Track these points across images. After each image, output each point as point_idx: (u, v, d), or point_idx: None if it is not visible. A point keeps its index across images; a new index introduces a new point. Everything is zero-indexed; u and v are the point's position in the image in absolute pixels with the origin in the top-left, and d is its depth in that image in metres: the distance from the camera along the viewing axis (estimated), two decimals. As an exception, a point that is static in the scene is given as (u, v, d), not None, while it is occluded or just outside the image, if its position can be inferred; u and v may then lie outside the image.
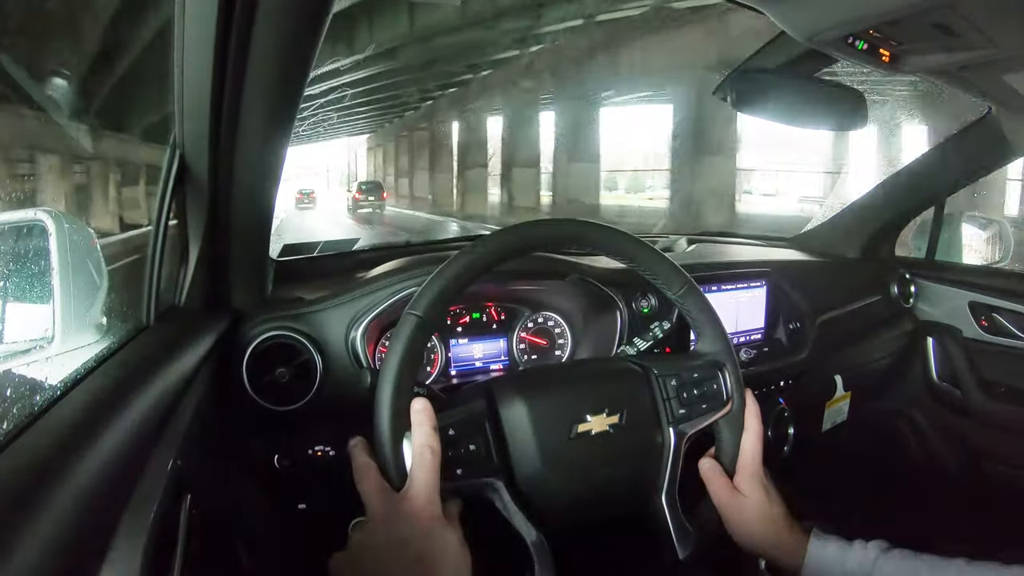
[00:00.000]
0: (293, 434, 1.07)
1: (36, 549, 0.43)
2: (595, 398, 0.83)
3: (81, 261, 0.87)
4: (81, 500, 0.50)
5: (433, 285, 0.75)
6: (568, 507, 0.80)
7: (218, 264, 1.00)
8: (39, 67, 1.52)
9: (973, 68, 1.08)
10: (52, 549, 0.44)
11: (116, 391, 0.66)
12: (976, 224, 2.08)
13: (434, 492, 0.67)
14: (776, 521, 0.85)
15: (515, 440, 0.77)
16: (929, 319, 1.99)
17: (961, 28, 0.88)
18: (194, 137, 0.83)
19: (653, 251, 0.88)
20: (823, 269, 1.91)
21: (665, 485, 0.85)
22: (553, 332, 1.41)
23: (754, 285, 1.59)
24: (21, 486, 0.46)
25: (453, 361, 1.34)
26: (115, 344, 0.80)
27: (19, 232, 0.84)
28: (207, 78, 0.73)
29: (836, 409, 1.75)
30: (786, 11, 0.93)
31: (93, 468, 0.53)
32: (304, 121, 9.52)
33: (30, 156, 2.47)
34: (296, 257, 1.41)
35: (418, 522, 0.63)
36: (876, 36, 0.94)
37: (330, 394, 1.07)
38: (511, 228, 0.82)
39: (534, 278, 1.30)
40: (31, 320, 0.85)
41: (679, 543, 0.84)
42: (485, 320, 1.38)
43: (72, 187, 2.65)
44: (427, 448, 0.68)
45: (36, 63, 1.48)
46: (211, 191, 0.88)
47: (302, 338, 1.06)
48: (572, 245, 0.87)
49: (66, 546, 0.47)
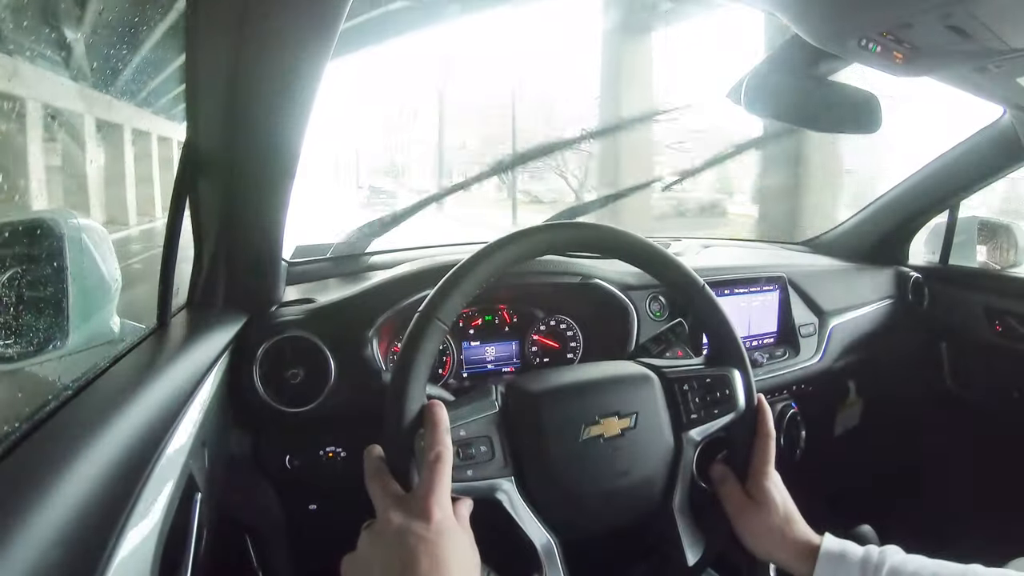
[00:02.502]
0: (305, 435, 1.08)
1: (47, 543, 0.43)
2: (607, 401, 0.82)
3: (94, 260, 0.88)
4: (92, 498, 0.50)
5: (447, 286, 0.75)
6: (578, 510, 0.80)
7: (232, 264, 1.00)
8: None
9: (987, 70, 1.07)
10: (62, 543, 0.45)
11: (129, 391, 0.66)
12: (990, 228, 2.07)
13: (445, 494, 0.66)
14: (787, 527, 0.84)
15: (526, 442, 0.77)
16: (943, 324, 1.97)
17: (975, 30, 0.87)
18: (208, 134, 0.84)
19: (666, 255, 0.87)
20: (836, 273, 1.90)
21: (676, 490, 0.85)
22: (565, 335, 1.40)
23: (767, 289, 1.59)
24: (33, 482, 0.46)
25: (466, 363, 1.35)
26: (129, 344, 0.81)
27: (32, 232, 0.84)
28: (221, 74, 0.73)
29: (848, 414, 1.75)
30: (799, 13, 0.92)
31: (104, 467, 0.54)
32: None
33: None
34: (309, 259, 1.41)
35: (429, 524, 0.63)
36: (889, 39, 0.93)
37: (342, 396, 1.07)
38: (524, 231, 0.81)
39: (547, 281, 1.30)
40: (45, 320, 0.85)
41: (689, 549, 0.84)
42: (498, 323, 1.38)
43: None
44: (438, 450, 0.68)
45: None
46: (225, 190, 0.88)
47: (315, 339, 1.06)
48: (586, 248, 0.87)
49: (76, 542, 0.47)
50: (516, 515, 0.75)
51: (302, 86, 0.76)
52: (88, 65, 1.39)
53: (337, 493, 1.06)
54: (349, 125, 17.94)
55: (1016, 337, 1.80)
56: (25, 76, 1.16)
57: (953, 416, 1.97)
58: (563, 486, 0.78)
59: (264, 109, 0.77)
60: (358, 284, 1.20)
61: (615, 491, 0.81)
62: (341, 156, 17.56)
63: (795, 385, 1.55)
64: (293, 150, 0.87)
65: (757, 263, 1.73)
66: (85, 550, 0.49)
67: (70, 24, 1.32)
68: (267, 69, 0.71)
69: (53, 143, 1.53)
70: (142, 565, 0.55)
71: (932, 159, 1.82)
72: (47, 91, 1.35)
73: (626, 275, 1.35)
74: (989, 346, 1.86)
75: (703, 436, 0.87)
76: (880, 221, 1.99)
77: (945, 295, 1.97)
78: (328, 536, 1.04)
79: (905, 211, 1.93)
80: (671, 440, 0.85)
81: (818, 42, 0.96)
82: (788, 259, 1.97)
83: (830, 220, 2.36)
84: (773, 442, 0.88)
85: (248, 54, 0.70)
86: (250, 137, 0.81)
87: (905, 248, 2.06)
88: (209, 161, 0.87)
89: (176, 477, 0.66)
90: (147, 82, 1.74)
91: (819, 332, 1.64)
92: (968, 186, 1.80)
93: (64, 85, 1.41)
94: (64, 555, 0.44)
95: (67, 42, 1.32)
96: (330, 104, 11.69)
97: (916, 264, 2.06)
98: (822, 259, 2.04)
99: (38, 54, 1.22)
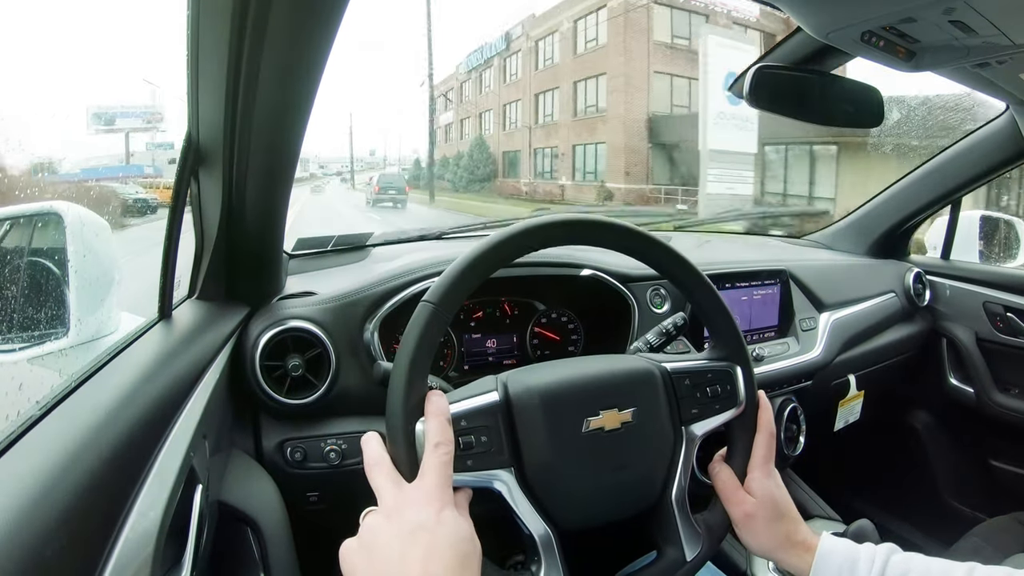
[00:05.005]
0: (306, 426, 1.08)
1: (49, 534, 0.43)
2: (608, 394, 0.82)
3: (96, 253, 0.88)
4: (94, 489, 0.50)
5: (449, 276, 0.75)
6: (577, 503, 0.80)
7: (233, 256, 1.00)
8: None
9: (990, 65, 1.07)
10: (64, 534, 0.45)
11: (130, 384, 0.66)
12: (992, 223, 2.06)
13: (446, 483, 0.67)
14: (785, 523, 0.84)
15: (526, 434, 0.77)
16: (943, 319, 1.98)
17: (978, 24, 0.87)
18: (209, 128, 0.84)
19: (668, 248, 0.87)
20: (838, 267, 1.90)
21: (675, 485, 0.84)
22: (566, 327, 1.41)
23: (768, 283, 1.59)
24: (35, 474, 0.47)
25: (466, 355, 1.35)
26: (130, 336, 0.81)
27: (35, 223, 0.85)
28: (223, 68, 0.73)
29: (849, 408, 1.74)
30: (803, 7, 0.92)
31: (106, 459, 0.54)
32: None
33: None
34: (310, 251, 1.42)
35: (430, 512, 0.63)
36: (892, 33, 0.93)
37: (343, 387, 1.08)
38: (527, 221, 0.81)
39: (548, 273, 1.30)
40: (47, 312, 0.85)
41: (687, 544, 0.83)
42: (499, 315, 1.38)
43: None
44: (439, 440, 0.68)
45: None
46: (226, 183, 0.88)
47: (316, 331, 1.06)
48: (588, 242, 0.87)
49: (78, 533, 0.47)
50: (515, 506, 0.75)
51: (303, 79, 0.76)
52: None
53: (338, 484, 1.07)
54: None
55: (1016, 332, 1.80)
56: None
57: (953, 411, 1.97)
58: (563, 478, 0.78)
59: (265, 101, 0.77)
60: (359, 276, 1.20)
61: (614, 484, 0.81)
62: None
63: (795, 379, 1.55)
64: (294, 143, 0.86)
65: (758, 257, 1.73)
66: (87, 541, 0.49)
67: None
68: (268, 63, 0.71)
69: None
70: (143, 557, 0.55)
71: (934, 154, 1.82)
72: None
73: (627, 268, 1.35)
74: (989, 341, 1.86)
75: (703, 431, 0.87)
76: (882, 216, 1.99)
77: (946, 290, 1.97)
78: (329, 527, 1.05)
79: (907, 206, 1.93)
80: (671, 434, 0.85)
81: (821, 36, 0.96)
82: (789, 253, 1.97)
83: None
84: (773, 439, 0.88)
85: (250, 42, 0.69)
86: (251, 129, 0.81)
87: (907, 243, 2.06)
88: (210, 153, 0.86)
89: (177, 469, 0.66)
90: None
91: (820, 326, 1.64)
92: (970, 182, 1.80)
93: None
94: (66, 546, 0.45)
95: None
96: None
97: (917, 259, 2.06)
98: (823, 253, 2.04)
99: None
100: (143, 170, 13.09)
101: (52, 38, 36.45)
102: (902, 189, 1.92)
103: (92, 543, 0.49)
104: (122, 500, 0.56)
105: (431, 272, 1.16)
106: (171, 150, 15.03)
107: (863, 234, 2.04)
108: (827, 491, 1.78)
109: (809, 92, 1.19)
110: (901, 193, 1.93)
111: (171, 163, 14.03)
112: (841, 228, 2.11)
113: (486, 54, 32.54)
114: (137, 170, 12.98)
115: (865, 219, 2.04)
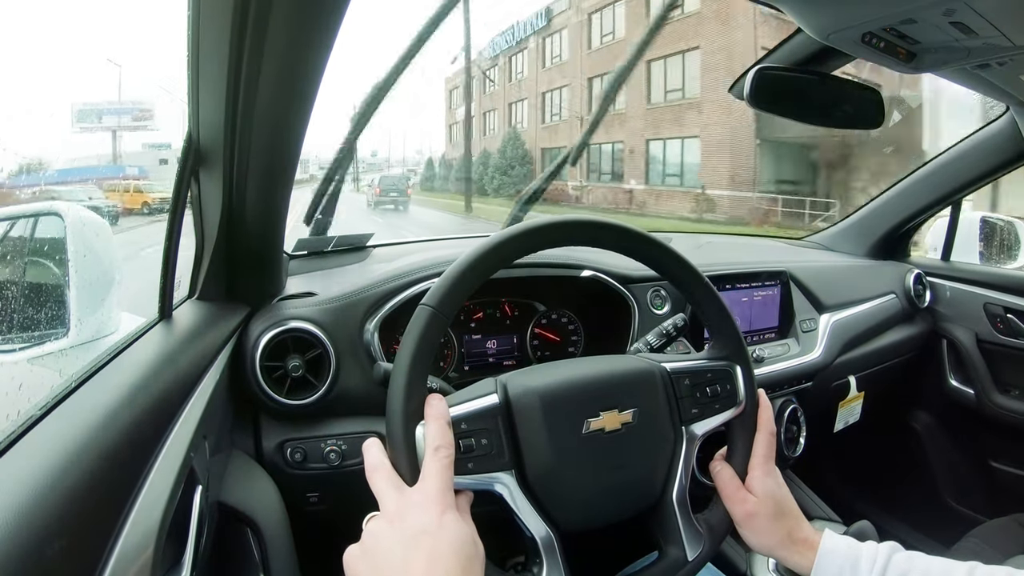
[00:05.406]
0: (306, 427, 1.08)
1: (49, 534, 0.43)
2: (608, 395, 0.82)
3: (97, 253, 0.88)
4: (94, 490, 0.50)
5: (448, 278, 0.74)
6: (578, 504, 0.80)
7: (233, 257, 1.00)
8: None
9: (990, 66, 1.07)
10: (64, 535, 0.45)
11: (130, 384, 0.66)
12: (992, 225, 2.06)
13: (447, 487, 0.66)
14: (787, 522, 0.84)
15: (527, 436, 0.77)
16: (944, 320, 1.98)
17: (978, 25, 0.87)
18: (210, 128, 0.84)
19: (668, 249, 0.87)
20: (838, 269, 1.90)
21: (676, 485, 0.84)
22: (567, 328, 1.41)
23: (768, 284, 1.59)
24: (35, 474, 0.47)
25: (467, 356, 1.35)
26: (130, 337, 0.81)
27: (35, 223, 0.85)
28: (223, 69, 0.73)
29: (849, 409, 1.74)
30: (803, 8, 0.92)
31: (106, 459, 0.54)
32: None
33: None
34: (311, 251, 1.41)
35: (432, 516, 0.63)
36: (893, 34, 0.93)
37: (343, 388, 1.08)
38: (527, 223, 0.81)
39: (548, 274, 1.30)
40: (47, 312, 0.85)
41: (688, 544, 0.83)
42: (499, 316, 1.38)
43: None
44: (440, 443, 0.68)
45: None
46: (226, 184, 0.88)
47: (317, 331, 1.06)
48: (587, 243, 0.87)
49: (78, 533, 0.47)
50: (516, 508, 0.75)
51: (303, 80, 0.76)
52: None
53: (339, 485, 1.07)
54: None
55: (1017, 334, 1.80)
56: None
57: (953, 412, 1.97)
58: (563, 480, 0.78)
59: (265, 102, 0.77)
60: (359, 277, 1.20)
61: (615, 485, 0.81)
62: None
63: (796, 380, 1.55)
64: (295, 143, 0.86)
65: (758, 258, 1.73)
66: (87, 541, 0.49)
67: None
68: (268, 63, 0.71)
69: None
70: (143, 557, 0.55)
71: (934, 156, 1.82)
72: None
73: (627, 269, 1.35)
74: (990, 343, 1.86)
75: (704, 431, 0.87)
76: (882, 217, 1.99)
77: (946, 292, 1.97)
78: (329, 527, 1.05)
79: (907, 208, 1.93)
80: (672, 434, 0.85)
81: (822, 37, 0.96)
82: (789, 254, 1.97)
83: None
84: (774, 438, 0.88)
85: (251, 43, 0.69)
86: (252, 130, 0.81)
87: (907, 244, 2.06)
88: (211, 154, 0.86)
89: (177, 470, 0.66)
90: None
91: (820, 327, 1.64)
92: (970, 183, 1.80)
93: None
94: (66, 546, 0.45)
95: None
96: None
97: (918, 260, 2.06)
98: (824, 254, 2.04)
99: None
100: (124, 171, 12.88)
101: (38, 32, 36.14)
102: (902, 190, 1.92)
103: (92, 543, 0.49)
104: (122, 500, 0.56)
105: (431, 273, 1.16)
106: (165, 150, 14.94)
107: (863, 235, 2.04)
108: (827, 492, 1.78)
109: (810, 93, 1.19)
110: (901, 194, 1.93)
111: (162, 163, 13.86)
112: (841, 229, 2.11)
113: (518, 35, 28.39)
114: (118, 171, 12.76)
115: (865, 220, 2.04)
